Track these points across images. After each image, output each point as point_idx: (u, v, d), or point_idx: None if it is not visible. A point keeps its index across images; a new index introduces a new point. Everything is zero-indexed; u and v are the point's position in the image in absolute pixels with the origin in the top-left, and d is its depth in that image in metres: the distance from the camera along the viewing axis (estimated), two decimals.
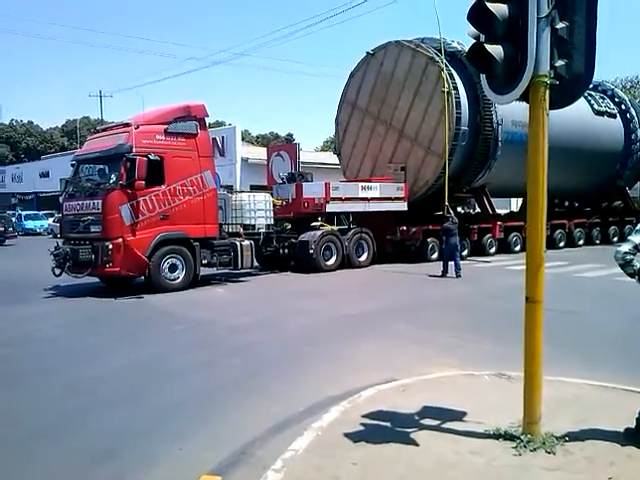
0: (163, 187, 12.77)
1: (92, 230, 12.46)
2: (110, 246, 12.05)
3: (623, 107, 25.42)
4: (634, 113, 25.44)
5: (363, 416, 4.78)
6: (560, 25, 3.95)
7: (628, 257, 4.01)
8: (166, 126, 12.96)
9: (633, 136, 24.98)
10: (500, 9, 3.94)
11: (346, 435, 4.41)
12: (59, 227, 16.23)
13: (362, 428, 4.57)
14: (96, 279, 13.47)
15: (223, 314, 10.33)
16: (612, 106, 24.94)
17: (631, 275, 4.08)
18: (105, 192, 12.39)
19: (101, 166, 13.52)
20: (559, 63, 3.99)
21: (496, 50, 3.98)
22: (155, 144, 12.73)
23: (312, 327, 8.97)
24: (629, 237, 4.13)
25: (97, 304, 11.57)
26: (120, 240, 12.16)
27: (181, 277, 12.98)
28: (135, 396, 5.75)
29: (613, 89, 26.84)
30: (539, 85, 3.96)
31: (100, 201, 12.36)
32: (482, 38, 4.16)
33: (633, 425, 4.21)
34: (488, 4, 3.94)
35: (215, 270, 14.36)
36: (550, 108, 4.04)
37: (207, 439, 4.63)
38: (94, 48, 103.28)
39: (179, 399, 5.61)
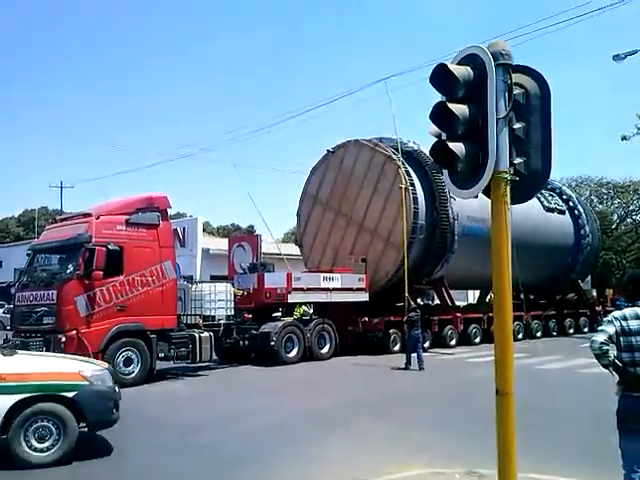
0: (121, 277, 12.51)
1: (45, 322, 11.98)
2: (63, 339, 11.55)
3: (571, 204, 26.74)
4: (581, 210, 26.77)
5: None
6: (517, 125, 4.17)
7: (604, 348, 4.01)
8: (128, 217, 12.90)
9: (582, 231, 26.13)
10: (461, 109, 4.14)
11: None
12: (10, 318, 15.57)
13: None
14: None
15: (178, 411, 9.86)
16: (561, 203, 26.18)
17: (605, 366, 4.07)
18: (61, 282, 12.06)
19: (58, 256, 13.23)
20: (517, 160, 4.17)
21: (458, 148, 4.14)
22: (115, 234, 12.59)
23: (274, 425, 8.60)
24: (602, 328, 4.16)
25: None
26: (74, 332, 11.69)
27: (136, 371, 12.42)
28: None
29: (561, 187, 28.31)
30: (500, 181, 4.10)
31: (55, 291, 11.98)
32: (443, 136, 4.35)
33: None
34: (450, 105, 4.15)
35: (172, 363, 13.84)
36: (511, 202, 4.17)
37: None
38: (56, 137, 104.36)
39: None
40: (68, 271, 12.23)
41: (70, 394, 6.47)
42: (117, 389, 7.08)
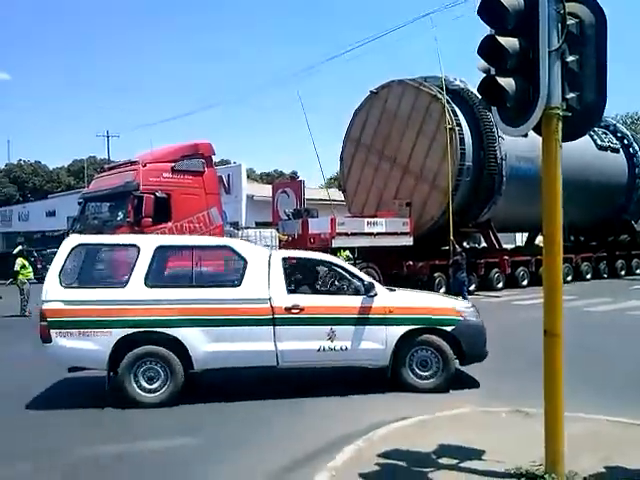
0: (170, 224, 12.78)
1: None
2: None
3: (625, 142, 25.60)
4: (637, 148, 25.59)
5: (378, 455, 4.64)
6: (570, 58, 3.97)
7: None
8: (173, 164, 13.06)
9: (637, 170, 25.09)
10: (511, 43, 3.95)
11: (362, 475, 4.28)
12: None
13: (378, 468, 4.43)
14: None
15: None
16: (615, 141, 25.09)
17: None
18: (112, 229, 12.38)
19: (108, 204, 13.59)
20: (570, 95, 3.99)
21: (508, 83, 3.98)
22: (162, 181, 12.81)
23: None
24: None
25: None
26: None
27: None
28: None
29: (615, 124, 27.04)
30: (552, 117, 3.94)
31: None
32: (492, 71, 4.18)
33: None
34: (499, 38, 3.96)
35: None
36: (563, 140, 4.02)
37: None
38: (101, 88, 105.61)
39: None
40: (118, 218, 12.59)
41: (449, 328, 6.84)
42: (484, 324, 7.22)
